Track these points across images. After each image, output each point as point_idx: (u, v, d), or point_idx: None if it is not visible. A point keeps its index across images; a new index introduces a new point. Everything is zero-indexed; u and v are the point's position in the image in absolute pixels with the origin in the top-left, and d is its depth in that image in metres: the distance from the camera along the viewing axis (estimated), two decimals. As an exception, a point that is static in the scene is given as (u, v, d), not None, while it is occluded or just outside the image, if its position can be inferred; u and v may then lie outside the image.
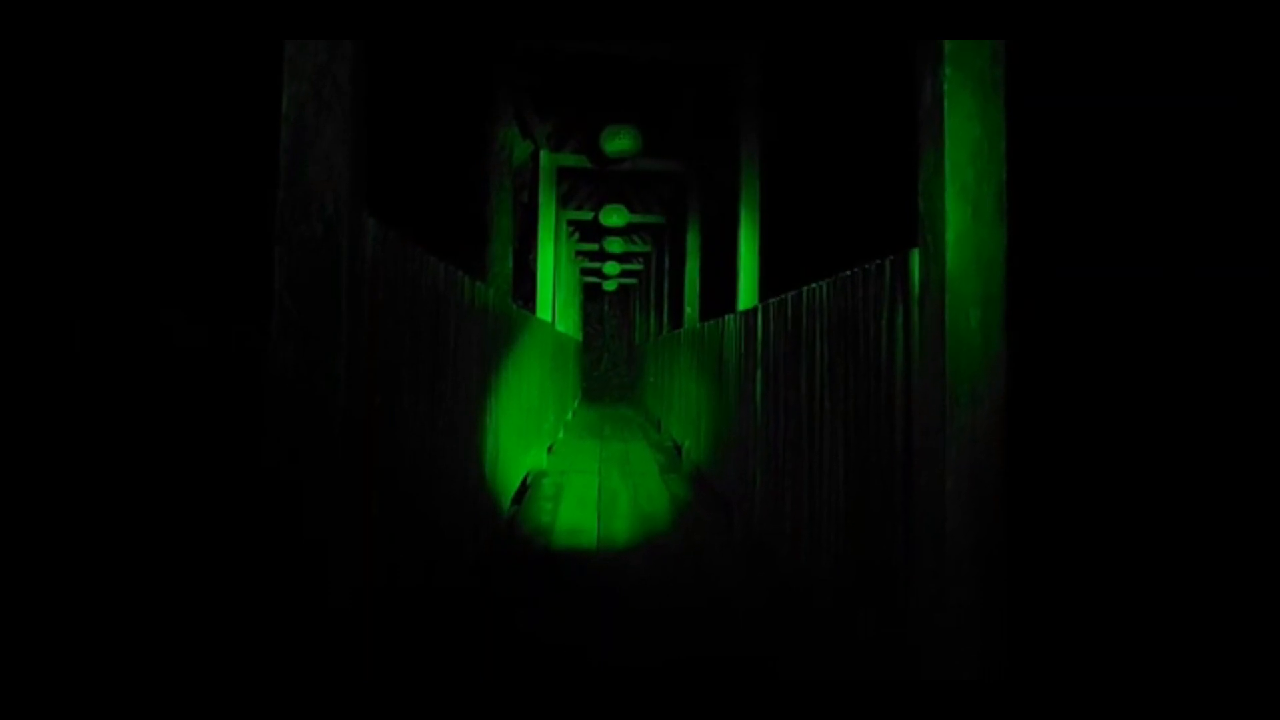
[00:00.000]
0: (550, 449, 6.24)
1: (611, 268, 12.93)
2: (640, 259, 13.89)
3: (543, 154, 6.75)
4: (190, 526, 1.88)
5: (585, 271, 15.13)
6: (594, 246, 11.66)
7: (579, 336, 14.52)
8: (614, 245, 10.02)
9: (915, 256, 1.66)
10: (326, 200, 1.53)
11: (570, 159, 6.92)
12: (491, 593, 2.62)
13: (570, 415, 9.62)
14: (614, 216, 8.11)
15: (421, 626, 2.06)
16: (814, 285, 2.46)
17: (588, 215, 9.16)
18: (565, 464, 5.69)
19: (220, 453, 1.90)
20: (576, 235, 11.47)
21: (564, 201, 9.21)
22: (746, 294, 4.69)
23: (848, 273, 2.12)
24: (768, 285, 5.36)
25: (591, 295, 18.40)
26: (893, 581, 1.76)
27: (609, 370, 18.65)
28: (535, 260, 6.91)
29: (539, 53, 4.88)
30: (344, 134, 1.55)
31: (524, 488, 4.57)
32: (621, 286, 18.00)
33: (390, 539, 1.81)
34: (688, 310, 7.02)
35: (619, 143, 6.00)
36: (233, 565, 1.80)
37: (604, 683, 1.89)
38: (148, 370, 1.78)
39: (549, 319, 6.84)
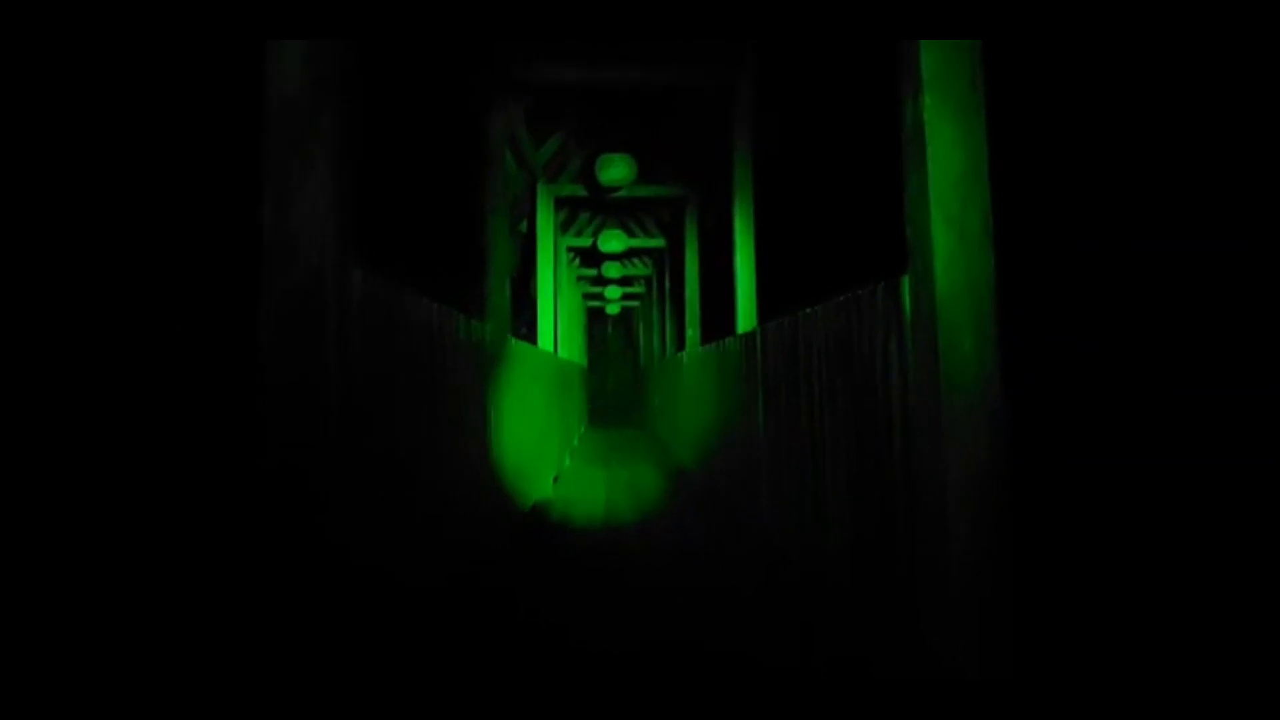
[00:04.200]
0: (556, 479, 6.21)
1: (613, 291, 12.96)
2: (641, 281, 13.93)
3: (539, 185, 6.80)
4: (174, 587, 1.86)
5: (588, 296, 15.18)
6: (595, 271, 11.69)
7: (583, 361, 14.53)
8: (612, 270, 10.05)
9: (906, 283, 1.65)
10: (311, 250, 1.53)
11: (567, 188, 6.97)
12: (486, 642, 2.58)
13: (576, 441, 9.60)
14: (612, 242, 8.14)
15: (413, 674, 2.04)
16: (810, 310, 2.45)
17: (587, 241, 9.20)
18: (572, 493, 5.66)
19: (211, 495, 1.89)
20: (577, 261, 11.51)
21: (563, 228, 9.25)
22: (745, 314, 4.69)
23: (842, 298, 2.10)
24: (774, 298, 5.36)
25: (595, 319, 18.44)
26: (898, 607, 1.73)
27: (615, 393, 18.63)
28: (536, 289, 6.93)
29: (533, 84, 4.93)
30: (327, 183, 1.55)
31: (530, 520, 4.54)
32: (624, 309, 18.04)
33: (376, 595, 1.79)
34: (689, 333, 7.02)
35: (614, 172, 6.03)
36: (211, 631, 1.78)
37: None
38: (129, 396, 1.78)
39: (550, 347, 6.84)
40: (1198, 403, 1.87)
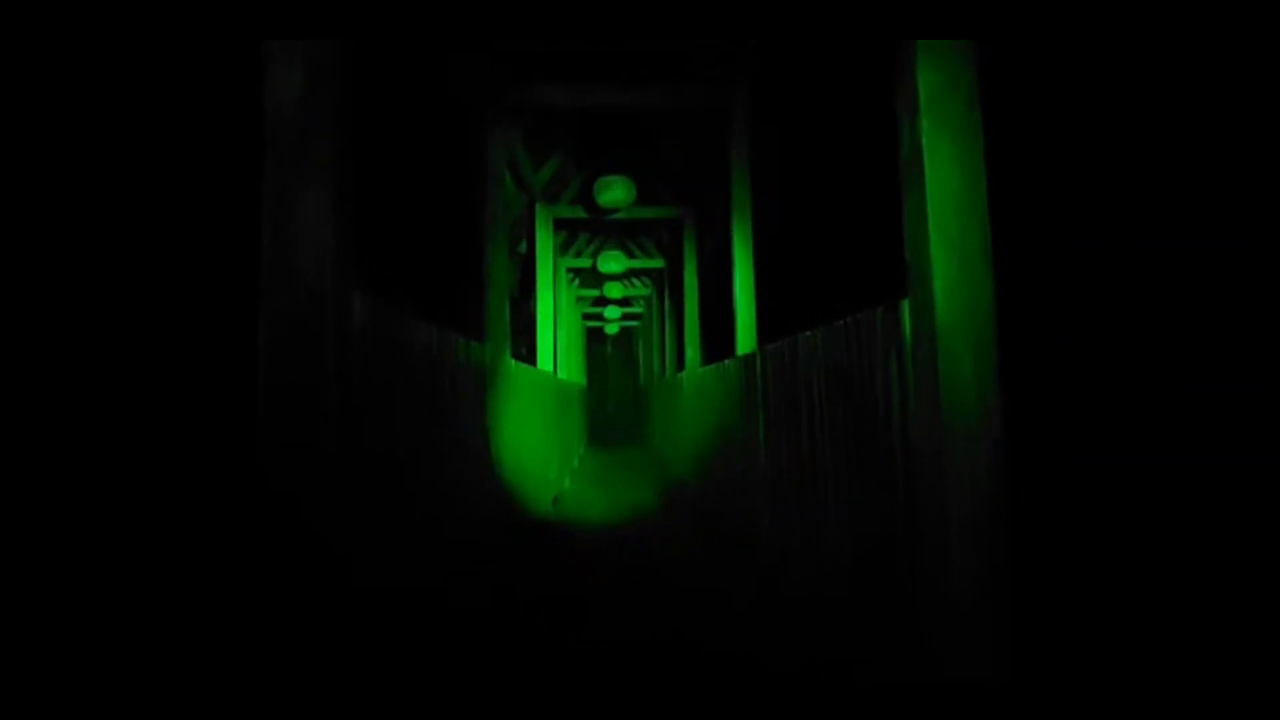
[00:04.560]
0: (555, 501, 6.18)
1: (613, 311, 12.97)
2: (641, 301, 13.95)
3: (538, 206, 6.83)
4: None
5: (587, 316, 15.19)
6: (595, 292, 11.71)
7: (583, 381, 14.52)
8: (613, 290, 10.06)
9: (906, 307, 1.64)
10: (311, 272, 1.53)
11: (566, 210, 6.99)
12: (480, 679, 2.56)
13: (576, 462, 9.56)
14: (612, 263, 8.16)
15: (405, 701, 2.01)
16: (810, 332, 2.44)
17: (586, 262, 9.22)
18: (572, 514, 5.63)
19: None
20: (577, 281, 11.54)
21: (562, 249, 9.28)
22: (744, 334, 4.69)
23: (841, 321, 2.10)
24: (774, 317, 5.36)
25: (595, 338, 18.45)
26: (898, 640, 1.71)
27: (615, 412, 18.59)
28: (536, 309, 6.94)
29: (531, 107, 4.96)
30: (329, 203, 1.55)
31: (529, 541, 4.51)
32: (624, 329, 18.05)
33: (376, 618, 1.77)
34: (689, 353, 7.01)
35: (613, 194, 6.05)
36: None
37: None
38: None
39: (550, 368, 6.83)
40: (1192, 419, 1.86)
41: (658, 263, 9.73)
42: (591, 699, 2.05)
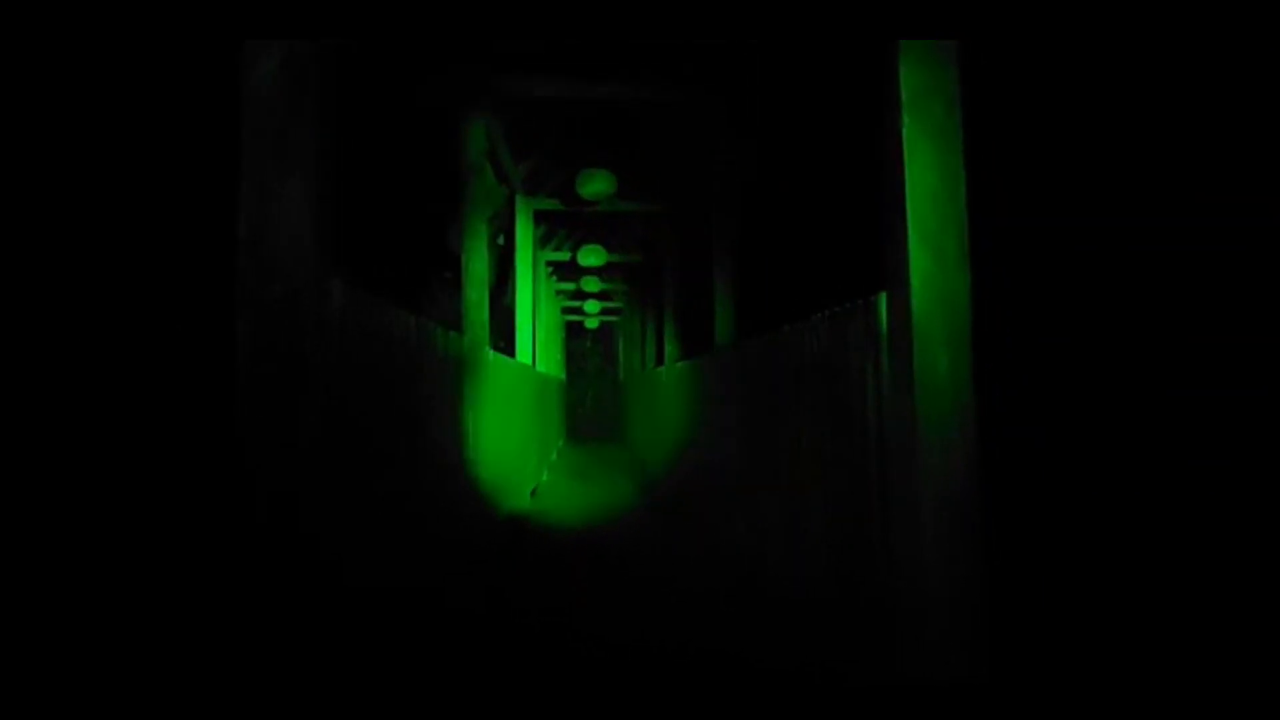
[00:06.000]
0: (533, 493, 6.17)
1: (592, 306, 12.96)
2: (621, 296, 13.95)
3: (518, 198, 6.80)
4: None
5: (566, 310, 15.16)
6: (574, 286, 11.69)
7: (561, 375, 14.49)
8: (591, 285, 10.06)
9: (883, 300, 1.67)
10: (290, 264, 1.52)
11: (546, 203, 6.97)
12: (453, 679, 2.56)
13: (555, 455, 9.56)
14: (591, 257, 8.16)
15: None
16: (786, 327, 2.47)
17: (565, 255, 9.21)
18: (549, 506, 5.63)
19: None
20: (556, 275, 11.51)
21: (542, 243, 9.25)
22: (723, 330, 4.71)
23: (818, 315, 2.13)
24: (753, 313, 5.39)
25: (574, 332, 18.41)
26: (877, 639, 1.74)
27: (593, 407, 18.58)
28: (515, 301, 6.92)
29: (515, 99, 4.94)
30: (308, 195, 1.54)
31: (507, 534, 4.51)
32: (604, 324, 18.03)
33: (354, 602, 1.77)
34: (668, 348, 7.03)
35: (594, 185, 6.05)
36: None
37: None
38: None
39: (529, 361, 6.82)
40: (1178, 420, 1.91)
41: (638, 258, 9.73)
42: (582, 687, 2.06)
